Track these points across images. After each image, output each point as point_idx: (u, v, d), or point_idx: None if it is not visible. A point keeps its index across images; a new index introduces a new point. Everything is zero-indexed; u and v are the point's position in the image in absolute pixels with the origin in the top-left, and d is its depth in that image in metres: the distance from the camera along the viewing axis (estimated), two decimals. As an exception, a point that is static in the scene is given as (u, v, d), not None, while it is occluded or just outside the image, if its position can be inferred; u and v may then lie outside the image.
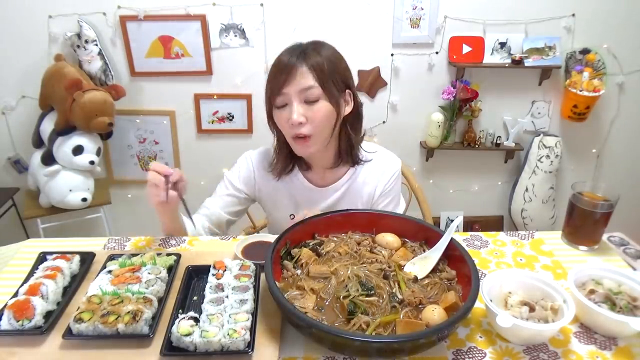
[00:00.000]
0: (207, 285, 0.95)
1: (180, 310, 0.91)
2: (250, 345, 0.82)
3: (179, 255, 1.09)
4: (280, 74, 1.13)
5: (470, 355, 0.85)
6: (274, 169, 1.31)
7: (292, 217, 1.35)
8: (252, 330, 0.85)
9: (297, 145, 1.19)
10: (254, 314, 0.89)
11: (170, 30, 2.39)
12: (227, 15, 2.37)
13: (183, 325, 0.83)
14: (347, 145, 1.27)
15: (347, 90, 1.20)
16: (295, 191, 1.35)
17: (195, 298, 0.97)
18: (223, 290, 0.93)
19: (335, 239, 1.11)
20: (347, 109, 1.22)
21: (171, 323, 0.86)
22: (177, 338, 0.81)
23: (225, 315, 0.87)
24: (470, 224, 2.88)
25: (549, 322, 0.86)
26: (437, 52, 2.48)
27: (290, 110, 1.13)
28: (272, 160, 1.32)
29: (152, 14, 2.34)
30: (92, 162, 2.30)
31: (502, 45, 2.45)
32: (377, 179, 1.34)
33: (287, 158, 1.29)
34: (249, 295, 0.92)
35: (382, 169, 1.34)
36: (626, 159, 2.75)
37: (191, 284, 1.01)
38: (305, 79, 1.12)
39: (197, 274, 1.03)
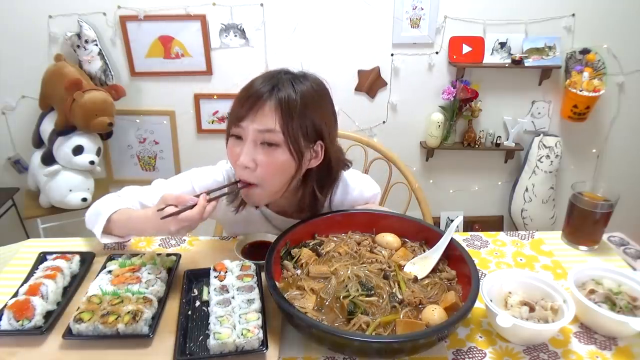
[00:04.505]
0: (211, 288, 0.95)
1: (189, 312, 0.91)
2: (264, 343, 0.83)
3: (179, 256, 1.09)
4: (243, 104, 0.97)
5: (470, 355, 0.85)
6: (232, 203, 1.12)
7: None
8: (264, 328, 0.85)
9: (242, 190, 1.03)
10: (263, 312, 0.89)
11: (170, 30, 2.39)
12: (227, 15, 2.37)
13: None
14: (310, 199, 1.11)
15: (318, 142, 1.02)
16: (257, 219, 1.19)
17: (197, 303, 0.96)
18: (228, 292, 0.93)
19: (335, 239, 1.10)
20: (313, 162, 1.04)
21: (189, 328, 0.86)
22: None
23: (235, 316, 0.87)
24: (470, 224, 2.88)
25: (549, 322, 0.86)
26: (437, 52, 2.48)
27: (242, 149, 0.98)
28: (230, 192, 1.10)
29: (152, 14, 2.34)
30: (92, 162, 2.30)
31: (502, 45, 2.45)
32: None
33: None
34: (255, 294, 0.92)
35: (358, 202, 1.22)
36: (626, 159, 2.75)
37: (191, 288, 1.01)
38: (268, 119, 0.95)
39: (196, 278, 1.03)
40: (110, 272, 1.00)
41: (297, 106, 0.96)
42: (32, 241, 1.22)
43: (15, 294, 0.93)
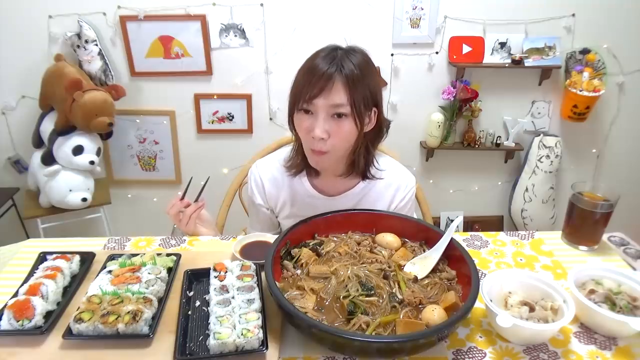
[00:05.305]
0: (211, 288, 0.95)
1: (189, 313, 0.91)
2: (264, 343, 0.83)
3: (179, 255, 1.09)
4: (315, 84, 1.07)
5: (470, 355, 0.85)
6: (291, 166, 1.27)
7: None
8: (264, 328, 0.85)
9: (312, 156, 1.15)
10: (263, 312, 0.89)
11: (170, 30, 2.39)
12: (227, 15, 2.37)
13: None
14: (361, 158, 1.23)
15: (373, 109, 1.15)
16: (297, 197, 1.30)
17: (198, 303, 0.96)
18: (228, 292, 0.93)
19: (335, 239, 1.11)
20: (369, 127, 1.17)
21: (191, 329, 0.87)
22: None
23: (235, 316, 0.87)
24: (470, 224, 2.88)
25: (549, 322, 0.86)
26: (437, 52, 2.48)
27: (314, 122, 1.09)
28: (289, 157, 1.28)
29: (152, 14, 2.34)
30: (92, 162, 2.30)
31: (502, 45, 2.45)
32: (392, 195, 1.30)
33: (304, 159, 1.23)
34: (255, 294, 0.92)
35: (397, 185, 1.30)
36: (626, 159, 2.75)
37: (192, 288, 1.01)
38: (339, 95, 1.06)
39: (197, 278, 1.03)
40: (110, 272, 1.00)
41: (359, 78, 1.08)
42: (32, 241, 1.22)
43: (15, 294, 0.93)
